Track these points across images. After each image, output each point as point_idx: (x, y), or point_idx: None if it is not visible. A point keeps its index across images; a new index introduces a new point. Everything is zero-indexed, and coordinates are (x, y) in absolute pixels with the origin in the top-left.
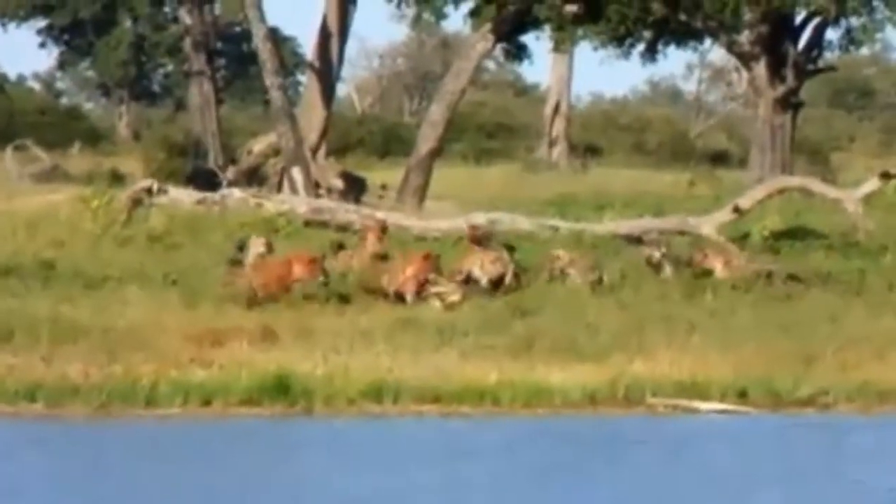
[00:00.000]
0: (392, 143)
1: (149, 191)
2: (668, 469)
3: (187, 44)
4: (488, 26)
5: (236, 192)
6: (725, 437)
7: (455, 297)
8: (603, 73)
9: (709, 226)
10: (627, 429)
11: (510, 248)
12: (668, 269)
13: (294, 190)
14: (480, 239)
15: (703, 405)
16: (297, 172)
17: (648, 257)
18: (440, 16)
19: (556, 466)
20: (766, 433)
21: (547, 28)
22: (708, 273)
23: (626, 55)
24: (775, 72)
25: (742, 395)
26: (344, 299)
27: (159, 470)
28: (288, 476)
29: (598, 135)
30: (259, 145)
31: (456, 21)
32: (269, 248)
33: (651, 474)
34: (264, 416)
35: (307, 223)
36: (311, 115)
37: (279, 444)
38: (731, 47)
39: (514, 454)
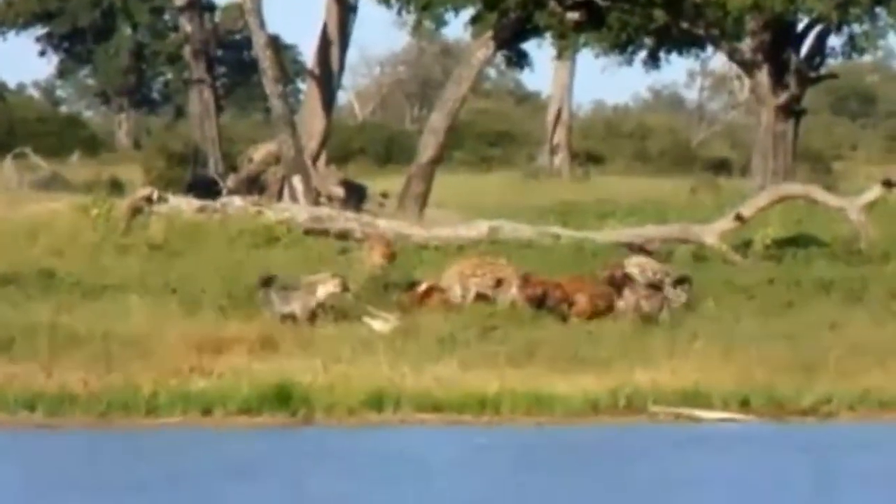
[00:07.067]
0: (393, 150)
1: (149, 199)
2: (671, 478)
3: (187, 52)
4: (489, 33)
5: (236, 201)
6: (727, 445)
7: (382, 327)
8: (604, 81)
9: (711, 234)
10: (629, 438)
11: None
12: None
13: (294, 198)
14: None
15: (705, 414)
16: (297, 180)
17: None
18: (440, 23)
19: (557, 476)
20: (767, 442)
21: (548, 35)
22: None
23: (629, 62)
24: (777, 79)
25: (744, 404)
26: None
27: (159, 479)
28: (288, 486)
29: (600, 142)
30: (259, 153)
31: (456, 28)
32: (345, 287)
33: (653, 483)
34: (264, 425)
35: (307, 231)
36: (312, 123)
37: (279, 454)
38: (732, 55)
39: (515, 463)
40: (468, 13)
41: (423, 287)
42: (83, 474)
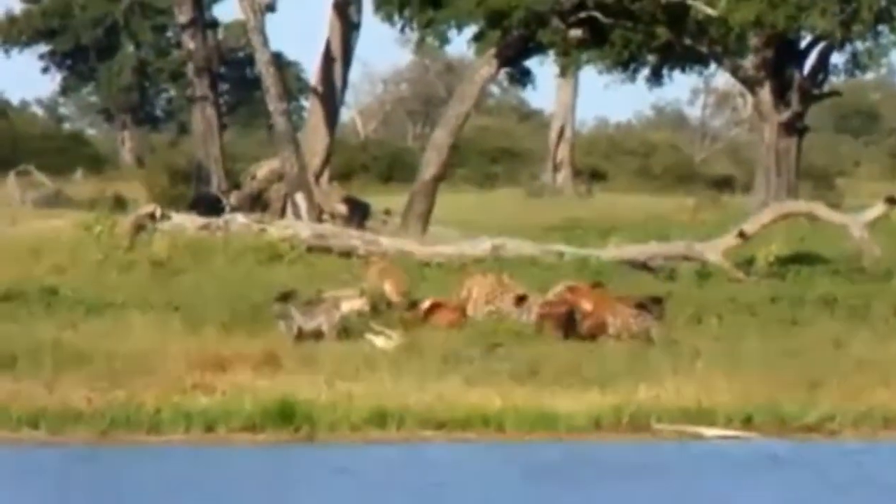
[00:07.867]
0: (396, 168)
1: (152, 216)
2: (674, 495)
3: (190, 69)
4: (492, 51)
5: (239, 218)
6: (731, 463)
7: (385, 344)
8: (607, 98)
9: (714, 251)
10: (633, 455)
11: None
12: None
13: (297, 215)
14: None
15: (709, 431)
16: (300, 198)
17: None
18: (444, 40)
19: (561, 492)
20: (771, 459)
21: (551, 53)
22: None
23: (631, 80)
24: (780, 96)
25: (747, 421)
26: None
27: (162, 497)
28: (291, 503)
29: (603, 160)
30: (262, 170)
31: (460, 46)
32: (374, 307)
33: (656, 500)
34: (267, 442)
35: (310, 248)
36: (315, 141)
37: (282, 471)
38: (736, 72)
39: (518, 480)
40: (471, 31)
41: (426, 304)
42: (86, 491)
